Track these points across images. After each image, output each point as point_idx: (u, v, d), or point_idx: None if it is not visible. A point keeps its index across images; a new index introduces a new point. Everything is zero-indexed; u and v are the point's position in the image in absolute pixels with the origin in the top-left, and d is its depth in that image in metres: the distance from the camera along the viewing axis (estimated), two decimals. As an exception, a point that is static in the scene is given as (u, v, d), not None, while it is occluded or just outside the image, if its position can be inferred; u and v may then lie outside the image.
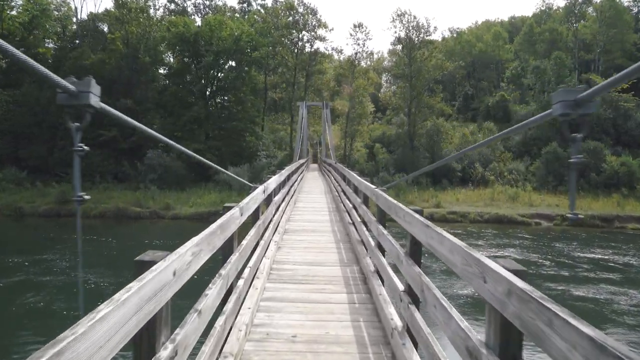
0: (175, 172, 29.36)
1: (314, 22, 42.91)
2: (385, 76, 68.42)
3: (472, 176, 31.70)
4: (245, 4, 54.95)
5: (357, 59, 47.51)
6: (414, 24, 38.09)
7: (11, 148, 31.01)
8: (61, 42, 40.45)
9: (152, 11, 41.34)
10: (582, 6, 50.34)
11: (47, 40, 40.01)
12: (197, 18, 47.25)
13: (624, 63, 44.75)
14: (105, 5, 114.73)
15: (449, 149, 35.24)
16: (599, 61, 47.20)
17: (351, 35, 44.96)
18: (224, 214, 3.14)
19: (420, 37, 38.16)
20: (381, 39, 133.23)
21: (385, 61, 71.65)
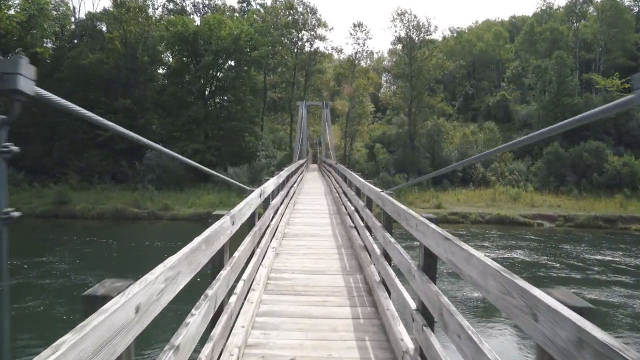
0: (174, 173, 29.02)
1: (314, 22, 42.65)
2: (385, 76, 68.10)
3: (473, 176, 31.36)
4: (244, 3, 54.49)
5: (357, 58, 47.32)
6: (414, 23, 37.93)
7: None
8: (59, 41, 40.20)
9: (150, 10, 41.12)
10: (582, 5, 50.00)
11: (45, 39, 39.55)
12: (196, 17, 46.83)
13: (625, 63, 44.50)
14: (104, 5, 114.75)
15: (450, 149, 34.95)
16: (600, 61, 46.86)
17: (351, 34, 44.81)
18: (213, 223, 2.74)
19: (420, 37, 37.91)
20: (381, 39, 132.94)
21: (385, 61, 71.31)
